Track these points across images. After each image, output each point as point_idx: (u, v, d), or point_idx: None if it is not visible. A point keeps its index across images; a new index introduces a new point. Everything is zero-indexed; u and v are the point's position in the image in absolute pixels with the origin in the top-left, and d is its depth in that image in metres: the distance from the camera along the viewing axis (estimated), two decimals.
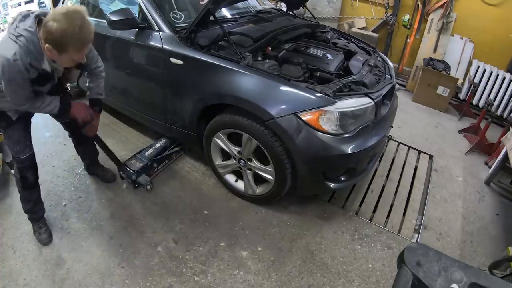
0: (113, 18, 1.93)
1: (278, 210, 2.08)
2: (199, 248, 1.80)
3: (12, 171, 2.25)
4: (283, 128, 1.67)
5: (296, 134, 1.66)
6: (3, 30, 6.42)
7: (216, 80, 1.84)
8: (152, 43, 2.04)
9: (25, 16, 1.32)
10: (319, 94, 1.66)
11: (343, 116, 1.67)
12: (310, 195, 2.22)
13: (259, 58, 1.96)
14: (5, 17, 6.41)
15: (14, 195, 2.09)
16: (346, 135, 1.70)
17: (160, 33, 2.03)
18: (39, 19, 1.30)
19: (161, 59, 2.02)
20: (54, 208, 2.01)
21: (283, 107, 1.67)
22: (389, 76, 2.16)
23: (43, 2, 6.58)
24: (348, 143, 1.69)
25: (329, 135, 1.66)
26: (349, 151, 1.68)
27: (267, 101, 1.69)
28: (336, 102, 1.65)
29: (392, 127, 2.24)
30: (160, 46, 2.00)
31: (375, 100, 1.76)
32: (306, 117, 1.64)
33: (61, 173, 2.29)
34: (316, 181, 1.82)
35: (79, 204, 2.05)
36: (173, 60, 1.96)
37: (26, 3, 6.26)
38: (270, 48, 2.08)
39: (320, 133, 1.66)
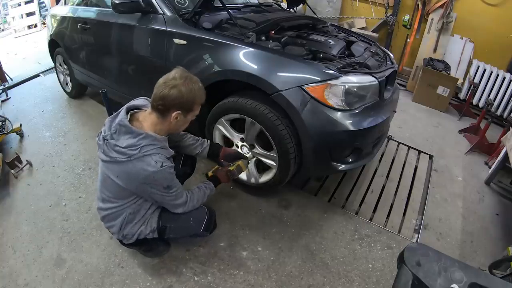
0: (118, 0, 1.94)
1: (278, 210, 2.08)
2: (199, 248, 1.80)
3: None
4: (289, 101, 1.66)
5: (302, 107, 1.66)
6: (3, 30, 6.41)
7: (221, 57, 1.84)
8: (155, 26, 2.05)
9: (118, 132, 1.28)
10: (324, 69, 1.68)
11: (348, 93, 1.67)
12: (317, 176, 2.20)
13: (263, 39, 1.97)
14: (5, 17, 6.41)
15: (14, 195, 2.09)
16: (352, 112, 1.70)
17: (164, 16, 2.04)
18: (130, 113, 1.34)
19: (164, 41, 2.02)
20: (54, 208, 2.00)
21: (288, 80, 1.68)
22: (390, 63, 2.17)
23: (43, 2, 6.57)
24: (354, 120, 1.69)
25: (334, 110, 1.67)
26: (355, 128, 1.68)
27: (272, 75, 1.70)
28: (341, 76, 1.66)
29: (396, 111, 2.24)
30: (164, 28, 2.01)
31: (378, 79, 1.77)
32: (311, 90, 1.65)
33: (61, 173, 2.29)
34: (323, 160, 1.81)
35: (79, 204, 2.05)
36: (177, 40, 1.97)
37: (26, 3, 6.26)
38: (273, 32, 2.09)
39: (326, 107, 1.66)
